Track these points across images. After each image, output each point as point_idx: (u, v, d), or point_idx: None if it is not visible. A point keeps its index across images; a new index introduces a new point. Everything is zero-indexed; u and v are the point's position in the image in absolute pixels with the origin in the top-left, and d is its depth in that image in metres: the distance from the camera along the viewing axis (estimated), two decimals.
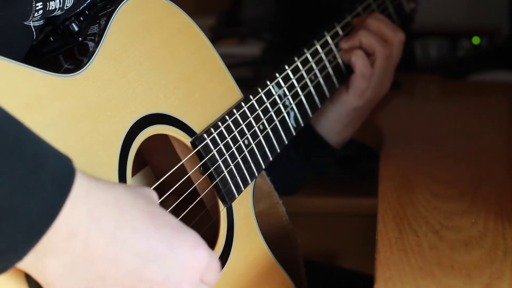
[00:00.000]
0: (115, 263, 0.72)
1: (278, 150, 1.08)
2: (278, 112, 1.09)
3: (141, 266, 0.73)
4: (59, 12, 0.89)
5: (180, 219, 0.79)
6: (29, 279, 0.73)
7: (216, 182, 0.97)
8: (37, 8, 0.86)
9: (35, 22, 0.88)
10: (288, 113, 1.11)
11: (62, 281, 0.71)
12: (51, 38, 0.90)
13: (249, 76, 1.87)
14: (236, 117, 1.01)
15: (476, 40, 1.95)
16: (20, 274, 0.73)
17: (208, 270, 0.77)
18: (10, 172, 0.66)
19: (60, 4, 0.88)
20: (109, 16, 0.90)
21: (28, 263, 0.69)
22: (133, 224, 0.73)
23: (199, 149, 0.95)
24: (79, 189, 0.70)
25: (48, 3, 0.87)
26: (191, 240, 0.76)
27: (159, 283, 0.74)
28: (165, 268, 0.74)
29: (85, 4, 0.93)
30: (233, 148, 1.00)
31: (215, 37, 1.99)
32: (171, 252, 0.74)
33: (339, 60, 1.23)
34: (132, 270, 0.72)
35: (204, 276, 0.77)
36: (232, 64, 1.12)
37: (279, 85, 1.10)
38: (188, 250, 0.75)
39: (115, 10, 0.90)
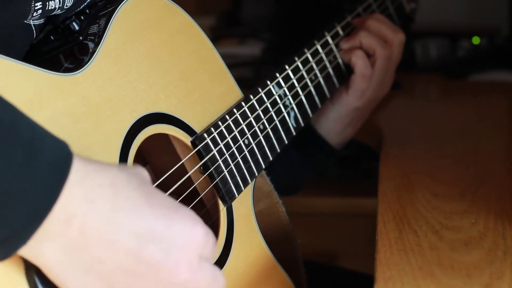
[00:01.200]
0: (112, 246, 0.71)
1: (278, 150, 1.08)
2: (278, 112, 1.09)
3: (138, 247, 0.72)
4: (59, 12, 0.89)
5: None
6: (27, 265, 0.73)
7: (216, 181, 0.97)
8: (36, 7, 0.85)
9: (35, 21, 0.88)
10: (288, 113, 1.11)
11: (61, 266, 0.71)
12: (51, 37, 0.90)
13: (249, 76, 1.87)
14: (237, 116, 1.01)
15: (476, 40, 1.95)
16: (19, 260, 0.72)
17: (205, 247, 0.76)
18: (7, 158, 0.66)
19: (60, 4, 0.88)
20: (109, 15, 0.90)
21: (26, 249, 0.69)
22: (128, 204, 0.72)
23: (199, 148, 0.95)
24: (76, 173, 0.69)
25: (47, 3, 0.86)
26: (187, 218, 0.75)
27: (158, 263, 0.73)
28: (163, 247, 0.73)
29: (85, 3, 0.93)
30: (233, 148, 1.00)
31: (215, 37, 1.99)
32: (168, 231, 0.73)
33: (340, 60, 1.22)
34: (130, 251, 0.72)
35: (202, 253, 0.76)
36: (232, 64, 1.11)
37: (279, 85, 1.10)
38: (185, 228, 0.75)
39: (116, 9, 0.90)
